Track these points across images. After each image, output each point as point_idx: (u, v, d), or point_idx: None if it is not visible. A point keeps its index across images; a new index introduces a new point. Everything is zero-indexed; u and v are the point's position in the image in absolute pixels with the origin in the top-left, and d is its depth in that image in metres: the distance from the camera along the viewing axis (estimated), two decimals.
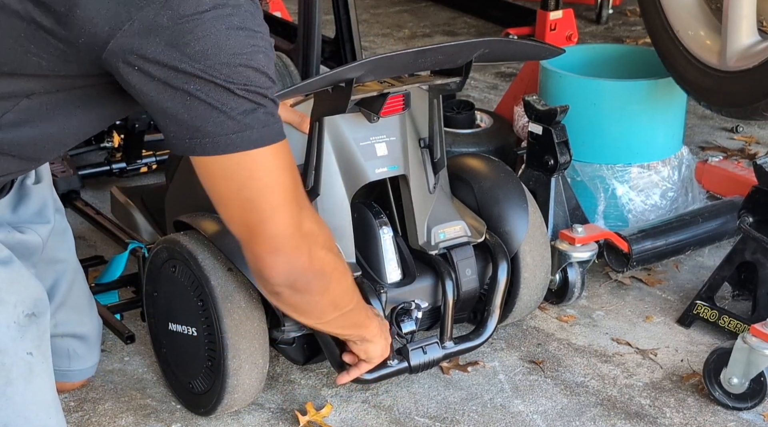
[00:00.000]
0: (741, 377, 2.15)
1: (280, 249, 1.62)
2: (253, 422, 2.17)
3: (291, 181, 1.61)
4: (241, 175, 1.56)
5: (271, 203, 1.59)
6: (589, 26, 4.98)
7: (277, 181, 1.58)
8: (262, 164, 1.56)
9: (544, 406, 2.22)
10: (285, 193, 1.60)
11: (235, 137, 1.52)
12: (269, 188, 1.58)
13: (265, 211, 1.59)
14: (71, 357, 2.11)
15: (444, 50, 2.04)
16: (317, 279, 1.69)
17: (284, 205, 1.60)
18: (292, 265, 1.64)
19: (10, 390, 1.70)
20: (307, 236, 1.64)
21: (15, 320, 1.72)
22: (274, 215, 1.60)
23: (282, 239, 1.61)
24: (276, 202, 1.59)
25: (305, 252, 1.64)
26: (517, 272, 2.32)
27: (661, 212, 2.85)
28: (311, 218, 1.67)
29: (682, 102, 2.89)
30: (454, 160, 2.40)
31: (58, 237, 2.02)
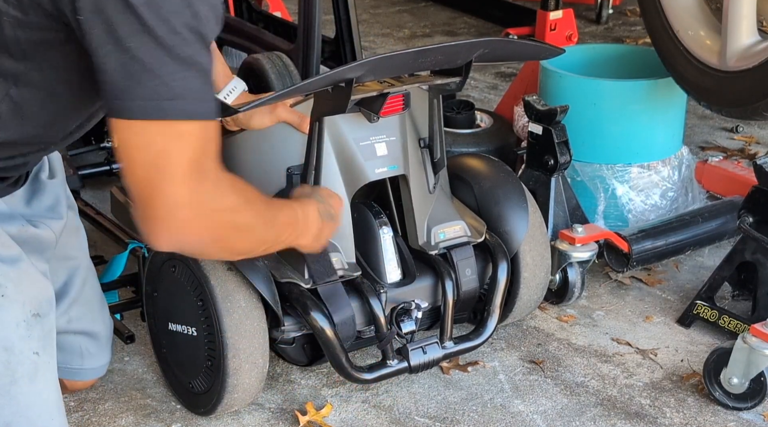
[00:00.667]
0: (741, 377, 2.15)
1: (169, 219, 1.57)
2: (253, 422, 2.17)
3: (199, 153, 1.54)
4: (158, 145, 1.51)
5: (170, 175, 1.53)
6: (589, 26, 4.98)
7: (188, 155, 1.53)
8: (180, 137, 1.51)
9: (544, 406, 2.22)
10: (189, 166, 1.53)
11: (167, 104, 1.48)
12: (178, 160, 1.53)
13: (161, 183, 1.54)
14: (83, 355, 2.12)
15: (444, 50, 2.03)
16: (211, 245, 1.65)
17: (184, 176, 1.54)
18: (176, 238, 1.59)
19: (14, 389, 1.70)
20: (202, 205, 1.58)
21: (24, 318, 1.72)
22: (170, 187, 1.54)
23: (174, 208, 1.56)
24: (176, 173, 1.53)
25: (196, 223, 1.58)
26: (517, 271, 2.32)
27: (661, 212, 2.85)
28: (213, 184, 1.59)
29: (682, 102, 2.89)
30: (454, 160, 2.40)
31: (71, 234, 2.03)
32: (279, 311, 2.04)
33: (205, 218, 1.59)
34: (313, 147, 2.05)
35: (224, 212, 1.62)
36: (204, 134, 1.54)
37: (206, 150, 1.56)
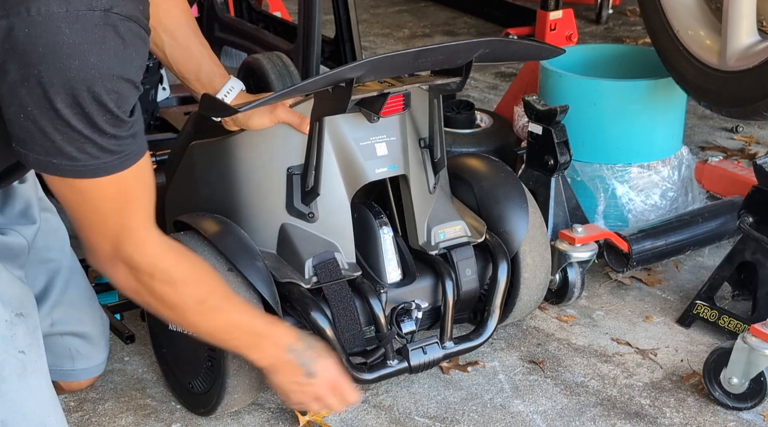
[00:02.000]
0: (741, 377, 2.15)
1: (91, 254, 1.71)
2: (253, 422, 2.17)
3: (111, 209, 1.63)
4: (75, 198, 1.59)
5: (87, 221, 1.65)
6: (589, 26, 4.98)
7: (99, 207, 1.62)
8: (89, 191, 1.58)
9: (544, 406, 2.22)
10: (101, 219, 1.64)
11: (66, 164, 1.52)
12: (87, 211, 1.63)
13: (82, 223, 1.66)
14: (74, 357, 2.11)
15: (444, 50, 2.03)
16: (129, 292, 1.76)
17: (98, 228, 1.66)
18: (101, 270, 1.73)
19: (4, 387, 1.70)
20: (120, 261, 1.70)
21: (6, 318, 1.72)
22: (87, 230, 1.67)
23: (92, 249, 1.69)
24: (91, 222, 1.65)
25: (114, 270, 1.71)
26: (517, 271, 2.32)
27: (661, 212, 2.85)
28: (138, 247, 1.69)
29: (682, 102, 2.89)
30: (454, 160, 2.40)
31: (49, 236, 2.01)
32: (279, 311, 2.04)
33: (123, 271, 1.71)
34: (313, 147, 2.05)
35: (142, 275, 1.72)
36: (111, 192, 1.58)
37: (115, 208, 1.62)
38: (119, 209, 1.64)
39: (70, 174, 1.53)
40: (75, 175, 1.54)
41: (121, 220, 1.65)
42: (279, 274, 2.06)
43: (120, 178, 1.57)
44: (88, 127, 1.48)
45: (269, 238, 2.10)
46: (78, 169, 1.53)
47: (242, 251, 2.04)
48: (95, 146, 1.51)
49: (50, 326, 2.01)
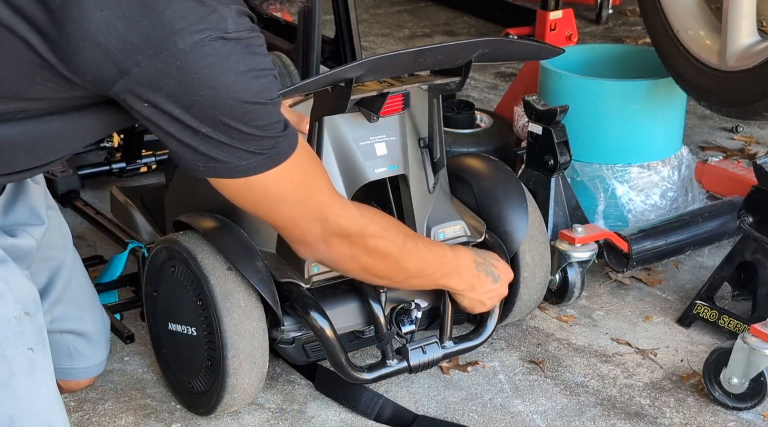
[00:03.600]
0: (741, 377, 2.15)
1: (301, 243, 1.83)
2: (253, 422, 2.17)
3: (301, 194, 1.74)
4: (254, 195, 1.70)
5: (281, 218, 1.77)
6: (589, 26, 4.98)
7: (283, 200, 1.73)
8: (271, 185, 1.69)
9: (544, 406, 2.22)
10: (291, 208, 1.76)
11: (247, 164, 1.63)
12: (276, 208, 1.75)
13: (277, 223, 1.80)
14: (72, 355, 2.11)
15: (444, 50, 2.03)
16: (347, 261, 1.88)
17: (293, 218, 1.77)
18: (314, 253, 1.85)
19: (13, 383, 1.71)
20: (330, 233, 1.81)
21: (15, 315, 1.72)
22: (286, 226, 1.80)
23: (300, 238, 1.82)
24: (285, 216, 1.77)
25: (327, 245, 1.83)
26: (517, 271, 2.31)
27: (661, 212, 2.84)
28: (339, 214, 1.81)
29: (682, 102, 2.89)
30: (454, 160, 2.40)
31: (52, 233, 2.01)
32: (279, 311, 2.04)
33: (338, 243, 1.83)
34: (312, 147, 2.05)
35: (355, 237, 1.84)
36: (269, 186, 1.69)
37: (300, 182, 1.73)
38: (310, 188, 1.75)
39: (261, 169, 1.64)
40: (264, 169, 1.64)
41: (317, 196, 1.77)
42: (278, 273, 2.06)
43: (296, 159, 1.68)
44: (256, 127, 1.59)
45: (269, 237, 2.11)
46: (264, 163, 1.64)
47: (242, 251, 2.04)
48: (267, 140, 1.62)
49: (50, 323, 2.01)
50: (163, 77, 1.51)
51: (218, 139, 1.59)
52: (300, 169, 1.72)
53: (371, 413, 2.16)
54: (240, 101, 1.56)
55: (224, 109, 1.55)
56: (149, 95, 1.53)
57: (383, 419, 2.15)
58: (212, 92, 1.53)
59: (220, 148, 1.60)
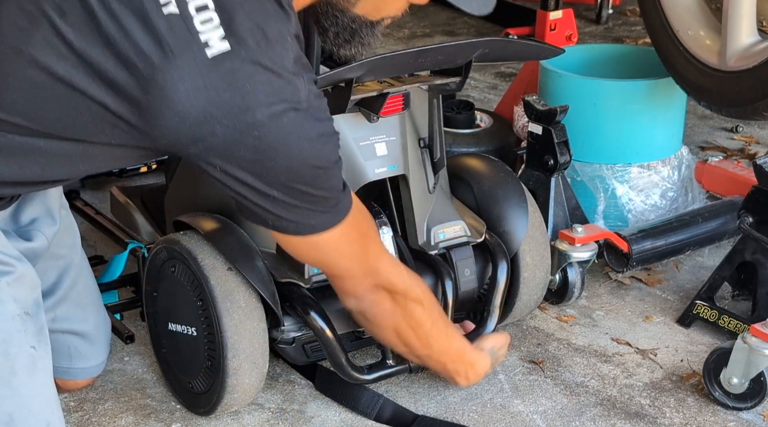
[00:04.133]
0: (741, 377, 2.15)
1: (350, 294, 1.93)
2: (253, 422, 2.17)
3: (359, 248, 1.84)
4: (318, 250, 1.80)
5: (339, 269, 1.87)
6: (589, 26, 4.98)
7: (344, 253, 1.82)
8: (330, 244, 1.78)
9: (544, 406, 2.22)
10: (351, 261, 1.85)
11: (314, 223, 1.73)
12: (337, 261, 1.84)
13: (335, 273, 1.89)
14: (72, 355, 2.11)
15: (444, 50, 2.04)
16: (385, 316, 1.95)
17: (351, 269, 1.86)
18: (359, 303, 1.94)
19: (15, 381, 1.71)
20: (379, 286, 1.90)
21: (18, 313, 1.73)
22: (343, 276, 1.89)
23: (351, 290, 1.92)
24: (343, 268, 1.86)
25: (374, 297, 1.91)
26: (517, 271, 2.31)
27: (661, 212, 2.84)
28: (388, 270, 1.91)
29: (682, 102, 2.89)
30: (454, 160, 2.40)
31: (63, 233, 2.03)
32: (279, 311, 2.04)
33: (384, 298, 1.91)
34: None
35: (399, 294, 1.92)
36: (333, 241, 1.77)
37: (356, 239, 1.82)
38: (366, 242, 1.85)
39: (326, 226, 1.74)
40: (329, 226, 1.74)
41: (371, 249, 1.87)
42: (278, 273, 2.06)
43: (353, 216, 1.77)
44: (323, 189, 1.69)
45: (269, 237, 2.10)
46: (329, 221, 1.74)
47: (242, 251, 2.05)
48: (332, 199, 1.72)
49: (52, 321, 2.02)
50: (238, 147, 1.58)
51: (288, 202, 1.67)
52: (357, 224, 1.80)
53: (371, 413, 2.16)
54: (311, 167, 1.64)
55: (296, 175, 1.64)
56: (222, 162, 1.61)
57: (383, 419, 2.16)
58: (287, 161, 1.61)
59: (290, 210, 1.69)
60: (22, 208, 1.90)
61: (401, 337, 1.98)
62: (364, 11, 1.77)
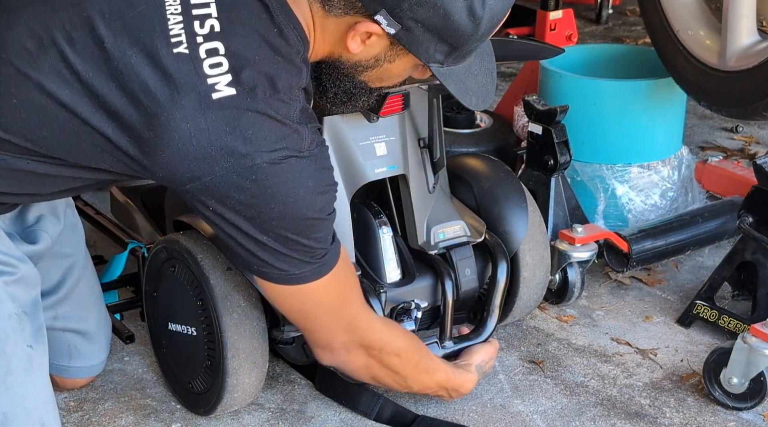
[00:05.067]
0: (741, 377, 2.15)
1: (322, 350, 1.92)
2: (253, 422, 2.17)
3: (338, 303, 1.84)
4: (297, 301, 1.80)
5: (315, 324, 1.87)
6: (589, 26, 4.98)
7: (323, 307, 1.82)
8: (310, 296, 1.78)
9: (544, 406, 2.22)
10: (329, 316, 1.85)
11: (300, 273, 1.73)
12: (313, 313, 1.84)
13: (308, 327, 1.88)
14: (72, 354, 2.12)
15: None
16: (360, 371, 1.96)
17: (326, 325, 1.86)
18: (333, 360, 1.94)
19: (10, 380, 1.71)
20: (354, 343, 1.89)
21: (16, 312, 1.73)
22: (316, 331, 1.88)
23: (324, 345, 1.91)
24: (318, 324, 1.86)
25: (346, 355, 1.91)
26: (517, 271, 2.32)
27: (661, 212, 2.85)
28: (366, 328, 1.90)
29: (682, 102, 2.89)
30: (454, 160, 2.40)
31: (67, 232, 2.04)
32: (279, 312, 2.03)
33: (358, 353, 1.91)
34: None
35: (375, 350, 1.91)
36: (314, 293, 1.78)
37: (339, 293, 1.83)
38: (345, 299, 1.85)
39: (311, 278, 1.75)
40: (314, 278, 1.75)
41: (351, 307, 1.87)
42: None
43: (339, 269, 1.78)
44: (313, 240, 1.70)
45: None
46: (315, 272, 1.74)
47: None
48: (321, 250, 1.73)
49: (53, 319, 2.02)
50: (234, 189, 1.60)
51: (277, 249, 1.68)
52: (340, 279, 1.80)
53: (371, 413, 2.16)
54: (304, 217, 1.65)
55: (289, 223, 1.65)
56: (216, 204, 1.62)
57: (383, 419, 2.16)
58: (281, 207, 1.62)
59: (277, 257, 1.69)
60: (28, 207, 1.90)
61: (380, 382, 2.01)
62: (367, 79, 1.78)
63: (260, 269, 1.73)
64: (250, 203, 1.62)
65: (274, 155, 1.60)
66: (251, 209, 1.63)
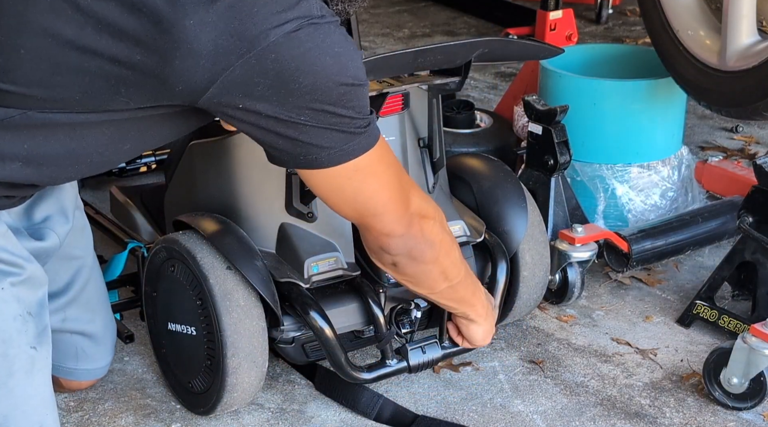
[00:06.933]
0: (741, 377, 2.15)
1: (395, 232, 1.81)
2: (253, 422, 2.17)
3: (395, 173, 1.76)
4: (353, 185, 1.71)
5: (382, 200, 1.76)
6: (589, 26, 4.98)
7: (384, 180, 1.74)
8: (369, 170, 1.70)
9: (544, 406, 2.22)
10: (391, 189, 1.76)
11: (351, 146, 1.65)
12: (378, 189, 1.75)
13: (378, 209, 1.77)
14: (79, 356, 2.12)
15: (443, 50, 2.04)
16: (429, 248, 1.85)
17: (392, 199, 1.77)
18: (406, 240, 1.82)
19: (11, 382, 1.71)
20: (416, 214, 1.82)
21: (20, 313, 1.73)
22: (386, 211, 1.78)
23: (395, 225, 1.80)
24: (386, 198, 1.77)
25: (416, 227, 1.82)
26: (517, 271, 2.32)
27: (660, 212, 2.84)
28: (418, 196, 1.84)
29: (682, 102, 2.89)
30: (454, 160, 2.40)
31: (77, 234, 2.04)
32: (278, 311, 2.04)
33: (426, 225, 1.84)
34: None
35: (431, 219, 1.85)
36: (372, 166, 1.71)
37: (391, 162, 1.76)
38: (399, 167, 1.79)
39: (365, 148, 1.66)
40: (367, 148, 1.66)
41: (404, 175, 1.81)
42: (278, 273, 2.06)
43: (383, 142, 1.71)
44: (352, 109, 1.61)
45: (268, 237, 2.11)
46: (366, 142, 1.66)
47: (241, 251, 2.04)
48: (362, 120, 1.65)
49: (62, 321, 2.02)
50: (257, 76, 1.53)
51: (318, 126, 1.60)
52: (388, 149, 1.75)
53: (371, 413, 2.16)
54: (337, 83, 1.57)
55: (323, 94, 1.57)
56: (243, 99, 1.56)
57: (383, 419, 2.15)
58: (311, 78, 1.55)
59: (321, 136, 1.61)
60: (36, 204, 1.90)
61: (442, 266, 1.92)
62: None
63: (308, 156, 1.64)
64: (278, 84, 1.55)
65: (286, 27, 1.53)
66: (281, 90, 1.56)
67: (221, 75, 1.53)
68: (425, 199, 1.87)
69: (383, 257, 1.87)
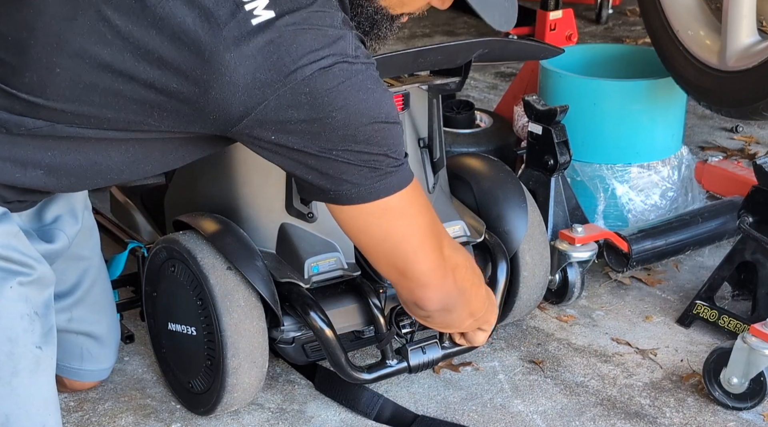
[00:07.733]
0: (741, 377, 2.15)
1: (430, 283, 1.76)
2: (253, 422, 2.17)
3: (427, 218, 1.72)
4: (381, 226, 1.68)
5: (413, 246, 1.71)
6: (589, 26, 4.98)
7: (415, 223, 1.70)
8: (399, 211, 1.67)
9: (544, 406, 2.22)
10: (423, 234, 1.72)
11: (378, 185, 1.63)
12: (409, 233, 1.70)
13: (409, 254, 1.72)
14: (84, 357, 2.12)
15: (443, 50, 2.04)
16: (460, 296, 1.83)
17: (425, 243, 1.72)
18: (442, 293, 1.79)
19: (15, 381, 1.71)
20: (449, 263, 1.77)
21: (27, 312, 1.73)
22: (417, 256, 1.72)
23: (429, 274, 1.75)
24: (417, 243, 1.71)
25: (450, 278, 1.78)
26: (517, 271, 2.32)
27: (660, 212, 2.84)
28: (448, 243, 1.79)
29: (682, 102, 2.89)
30: (454, 160, 2.40)
31: (85, 234, 2.04)
32: (278, 311, 2.04)
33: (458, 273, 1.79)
34: None
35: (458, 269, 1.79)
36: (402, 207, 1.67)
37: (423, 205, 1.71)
38: (431, 214, 1.74)
39: (396, 188, 1.64)
40: (398, 188, 1.64)
41: (436, 223, 1.76)
42: (278, 273, 2.06)
43: (416, 184, 1.68)
44: (385, 147, 1.61)
45: (269, 238, 2.11)
46: (395, 183, 1.64)
47: (241, 251, 2.04)
48: (395, 160, 1.63)
49: (68, 321, 2.03)
50: (291, 109, 1.54)
51: (349, 162, 1.60)
52: (421, 193, 1.71)
53: (371, 413, 2.16)
54: (370, 120, 1.58)
55: (355, 130, 1.57)
56: (275, 134, 1.57)
57: (383, 419, 2.16)
58: (343, 113, 1.55)
59: (351, 172, 1.61)
60: (47, 206, 1.91)
61: (471, 308, 1.90)
62: (387, 3, 1.75)
63: (338, 191, 1.63)
64: (311, 118, 1.55)
65: (322, 63, 1.54)
66: (313, 124, 1.56)
67: (256, 108, 1.55)
68: (456, 248, 1.83)
69: (417, 312, 1.85)
